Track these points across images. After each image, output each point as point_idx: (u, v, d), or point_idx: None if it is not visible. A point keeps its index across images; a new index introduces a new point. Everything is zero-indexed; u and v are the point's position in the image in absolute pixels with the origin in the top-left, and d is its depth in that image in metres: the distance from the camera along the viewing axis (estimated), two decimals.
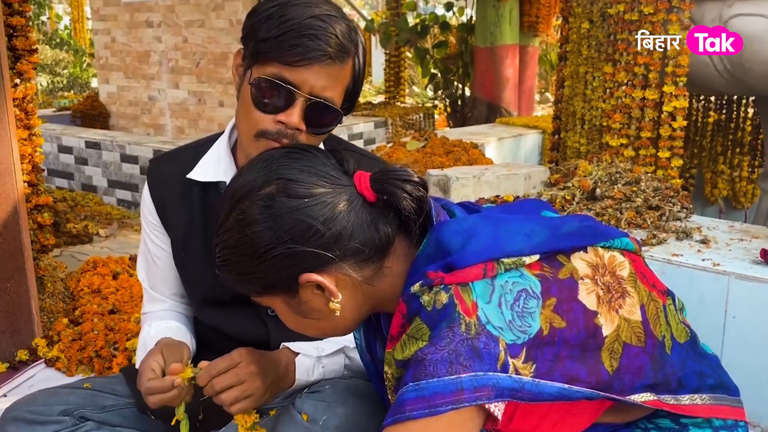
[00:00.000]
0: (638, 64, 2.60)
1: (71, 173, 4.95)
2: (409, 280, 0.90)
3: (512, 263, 0.87)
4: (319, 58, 1.10)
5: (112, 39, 6.55)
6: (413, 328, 0.84)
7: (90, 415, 1.32)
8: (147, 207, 1.38)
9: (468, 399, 0.78)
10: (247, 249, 0.89)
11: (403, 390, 0.81)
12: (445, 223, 0.92)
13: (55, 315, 2.49)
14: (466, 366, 0.79)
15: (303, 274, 0.89)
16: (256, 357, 1.14)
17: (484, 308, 0.83)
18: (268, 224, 0.87)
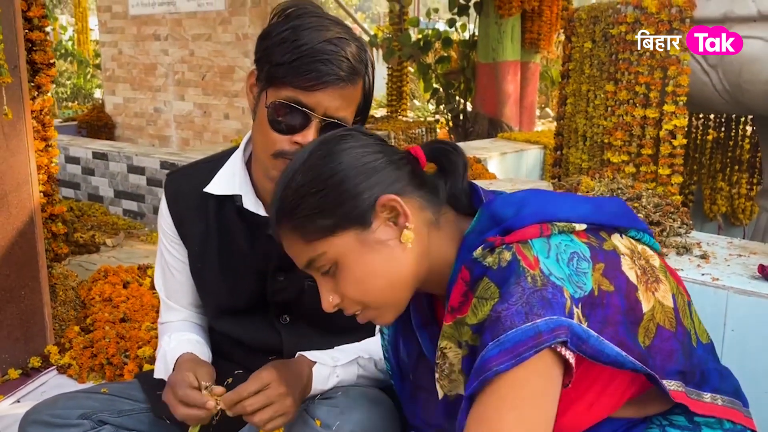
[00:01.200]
0: (639, 84, 2.66)
1: (78, 183, 4.99)
2: (461, 254, 0.94)
3: (564, 227, 0.91)
4: (332, 82, 1.14)
5: (119, 51, 6.62)
6: (481, 289, 0.87)
7: (108, 419, 1.34)
8: (164, 219, 1.42)
9: (547, 339, 0.81)
10: (337, 176, 0.93)
11: (485, 351, 0.83)
12: (495, 198, 0.98)
13: (66, 323, 2.53)
14: (540, 314, 0.82)
15: (382, 196, 0.93)
16: (283, 375, 1.17)
17: (545, 262, 0.86)
18: (350, 149, 0.95)
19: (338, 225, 0.93)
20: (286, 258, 1.33)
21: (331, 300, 0.97)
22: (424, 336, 1.10)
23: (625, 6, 2.74)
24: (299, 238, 0.95)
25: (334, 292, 0.97)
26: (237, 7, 5.63)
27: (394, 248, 0.94)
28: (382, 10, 16.39)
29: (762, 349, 1.71)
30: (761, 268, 1.86)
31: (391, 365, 1.20)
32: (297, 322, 1.39)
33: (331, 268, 0.95)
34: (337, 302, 0.97)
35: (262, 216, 1.33)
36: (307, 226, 0.93)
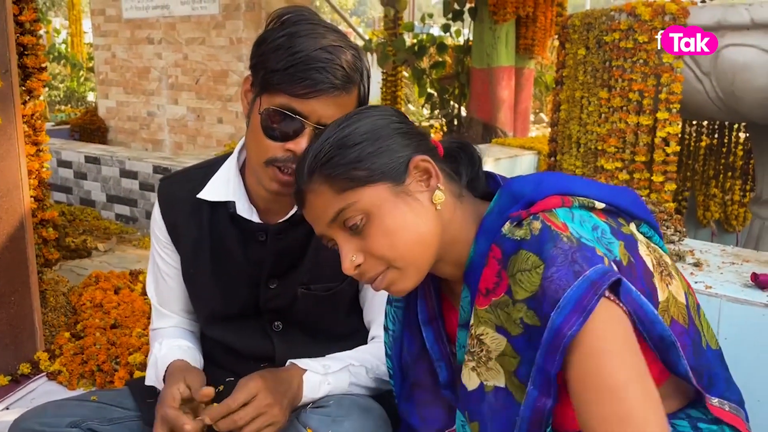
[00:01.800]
0: (633, 91, 2.67)
1: (70, 187, 4.97)
2: (482, 234, 0.96)
3: (584, 201, 0.93)
4: (326, 90, 1.14)
5: (113, 55, 6.61)
6: (519, 262, 0.87)
7: (97, 427, 1.33)
8: (157, 225, 1.42)
9: (602, 283, 0.82)
10: (373, 132, 0.96)
11: (549, 323, 0.83)
12: (513, 179, 1.00)
13: (56, 329, 2.51)
14: (585, 267, 0.83)
15: (415, 156, 0.96)
16: (270, 384, 1.17)
17: (572, 226, 0.88)
18: (383, 115, 1.00)
19: (372, 177, 0.94)
20: (279, 265, 1.34)
21: (354, 259, 0.96)
22: (429, 332, 1.11)
23: (619, 13, 2.75)
24: (330, 188, 0.95)
25: (357, 251, 0.96)
26: (231, 12, 5.62)
27: (425, 206, 0.96)
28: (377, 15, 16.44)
29: (755, 358, 1.71)
30: (754, 276, 1.87)
31: (392, 363, 1.20)
32: (289, 330, 1.39)
33: (360, 222, 0.94)
34: (360, 262, 0.96)
35: (256, 222, 1.33)
36: (342, 175, 0.94)
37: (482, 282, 0.93)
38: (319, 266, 1.34)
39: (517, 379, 0.90)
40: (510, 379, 0.91)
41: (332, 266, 1.34)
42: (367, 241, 0.95)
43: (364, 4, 33.27)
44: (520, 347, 0.88)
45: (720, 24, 2.49)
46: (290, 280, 1.35)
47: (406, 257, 0.95)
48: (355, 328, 1.44)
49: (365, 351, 1.36)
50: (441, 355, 1.11)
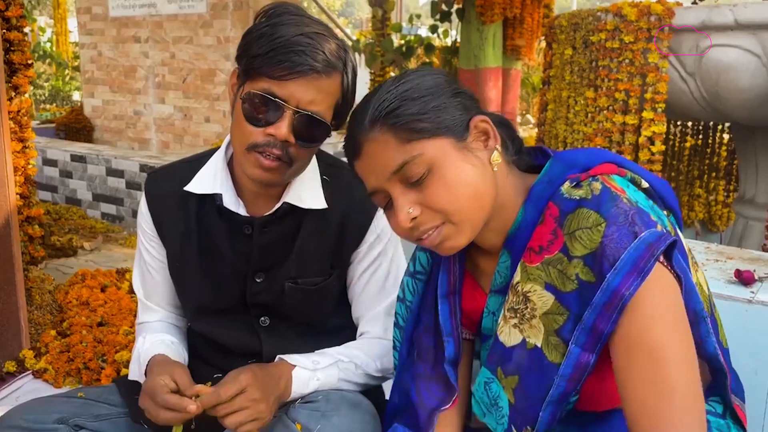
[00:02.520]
0: (619, 90, 2.70)
1: (55, 186, 4.94)
2: (532, 197, 0.99)
3: (635, 177, 0.98)
4: (305, 72, 1.15)
5: (99, 53, 6.57)
6: (579, 220, 0.89)
7: (84, 423, 1.33)
8: (144, 218, 1.42)
9: (658, 246, 0.85)
10: (435, 88, 0.97)
11: (605, 284, 0.86)
12: (565, 151, 1.03)
13: (42, 327, 2.50)
14: (642, 228, 0.86)
15: (477, 116, 0.98)
16: (261, 379, 1.17)
17: (628, 192, 0.92)
18: (443, 73, 1.01)
19: (437, 130, 0.95)
20: (265, 259, 1.34)
21: (411, 212, 0.97)
22: (445, 306, 1.13)
23: (605, 14, 2.78)
24: (394, 138, 0.95)
25: (415, 204, 0.96)
26: (219, 11, 5.61)
27: (484, 165, 0.97)
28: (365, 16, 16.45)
29: (739, 353, 1.73)
30: (737, 273, 1.89)
31: (401, 335, 1.21)
32: (277, 324, 1.39)
33: (422, 175, 0.95)
34: (417, 214, 0.97)
35: (242, 215, 1.33)
36: (407, 125, 0.94)
37: (535, 240, 0.95)
38: (306, 260, 1.34)
39: (557, 338, 0.92)
40: (548, 338, 0.93)
41: (319, 260, 1.35)
42: (427, 193, 0.95)
43: (351, 5, 33.29)
44: (570, 303, 0.90)
45: (705, 24, 2.52)
46: (277, 274, 1.35)
47: (465, 211, 0.96)
48: (343, 324, 1.44)
49: (354, 347, 1.37)
50: (451, 330, 1.13)
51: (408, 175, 0.95)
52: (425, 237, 0.97)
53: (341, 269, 1.38)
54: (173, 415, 1.15)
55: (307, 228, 1.34)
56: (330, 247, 1.35)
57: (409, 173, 0.95)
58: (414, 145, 0.94)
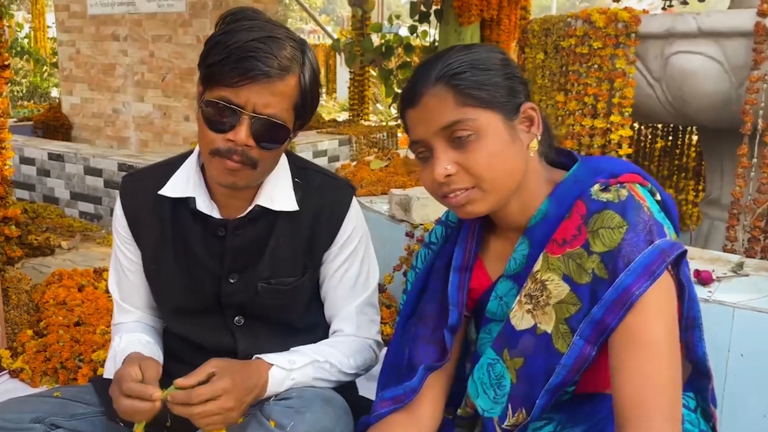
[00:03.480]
0: (588, 95, 2.76)
1: (33, 184, 4.92)
2: (558, 193, 1.08)
3: (652, 189, 1.07)
4: (257, 78, 1.18)
5: (77, 51, 6.52)
6: (604, 219, 0.99)
7: (61, 422, 1.35)
8: (119, 221, 1.45)
9: (670, 253, 0.95)
10: (501, 67, 1.06)
11: (618, 282, 0.95)
12: (593, 157, 1.15)
13: (19, 326, 2.51)
14: (656, 237, 0.96)
15: (526, 103, 1.08)
16: (238, 388, 1.19)
17: (648, 202, 1.01)
18: (508, 54, 1.11)
19: (492, 103, 1.04)
20: (239, 260, 1.38)
21: (448, 168, 1.04)
22: (456, 278, 1.20)
23: (575, 20, 2.84)
24: (453, 98, 1.03)
25: (452, 162, 1.04)
26: (198, 10, 5.60)
27: (523, 147, 1.07)
28: (347, 13, 16.45)
29: None
30: (696, 273, 1.96)
31: (406, 299, 1.30)
32: (251, 324, 1.42)
33: (469, 137, 1.03)
34: (453, 172, 1.05)
35: (215, 218, 1.37)
36: (469, 90, 1.03)
37: (560, 233, 1.04)
38: (279, 261, 1.38)
39: (566, 326, 1.01)
40: (557, 326, 1.01)
41: (292, 261, 1.39)
42: (469, 156, 1.03)
43: (333, 3, 33.18)
44: (583, 295, 0.99)
45: (669, 32, 2.59)
46: (250, 274, 1.38)
47: (496, 181, 1.05)
48: (316, 322, 1.48)
49: (329, 345, 1.41)
50: (457, 301, 1.20)
51: (456, 133, 1.03)
52: (452, 195, 1.06)
53: (314, 269, 1.42)
54: (133, 402, 1.16)
55: (280, 229, 1.38)
56: (302, 247, 1.39)
57: (457, 133, 1.03)
58: (469, 110, 1.03)
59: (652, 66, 2.68)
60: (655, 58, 2.66)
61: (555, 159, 1.18)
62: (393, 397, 1.22)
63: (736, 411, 1.76)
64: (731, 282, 1.94)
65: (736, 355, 1.75)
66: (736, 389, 1.75)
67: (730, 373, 1.76)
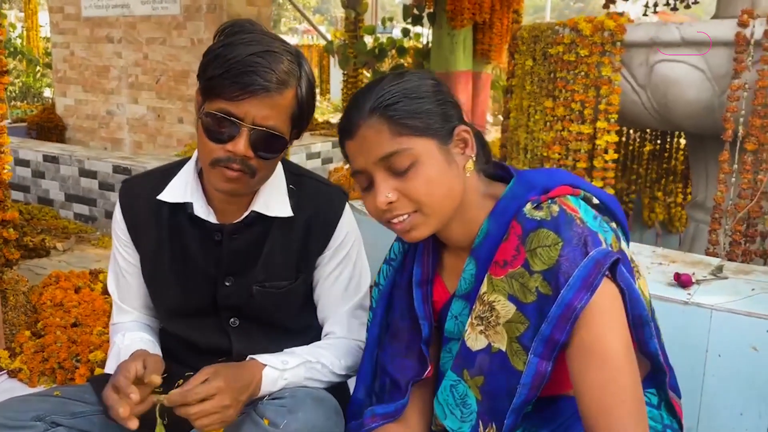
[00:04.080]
0: (575, 101, 2.83)
1: (27, 186, 4.94)
2: (496, 213, 1.10)
3: (587, 195, 1.10)
4: (256, 92, 1.22)
5: (71, 53, 6.55)
6: (540, 238, 1.01)
7: (61, 420, 1.37)
8: (118, 225, 1.48)
9: (605, 262, 0.97)
10: (432, 93, 1.09)
11: (560, 298, 0.98)
12: (528, 170, 1.16)
13: (17, 327, 2.54)
14: (592, 247, 0.98)
15: (460, 126, 1.10)
16: (232, 387, 1.22)
17: (581, 211, 1.03)
18: (437, 78, 1.13)
19: (427, 130, 1.07)
20: (235, 264, 1.42)
21: (389, 196, 1.08)
22: (419, 293, 1.24)
23: (563, 28, 2.91)
24: (388, 129, 1.06)
25: (393, 190, 1.08)
26: (192, 13, 5.64)
27: (459, 170, 1.10)
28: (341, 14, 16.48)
29: (675, 350, 1.84)
30: (677, 276, 2.01)
31: (373, 316, 1.33)
32: (246, 325, 1.46)
33: (407, 167, 1.06)
34: (393, 199, 1.08)
35: (212, 223, 1.40)
36: (403, 120, 1.06)
37: (500, 254, 1.06)
38: (274, 265, 1.42)
39: (518, 345, 1.03)
40: (511, 344, 1.04)
41: (285, 265, 1.43)
42: (408, 184, 1.07)
43: (327, 2, 33.15)
44: (530, 313, 1.01)
45: (653, 41, 2.66)
46: (245, 278, 1.42)
47: (436, 205, 1.08)
48: (309, 325, 1.52)
49: (321, 347, 1.45)
50: (426, 315, 1.24)
51: (394, 164, 1.06)
52: (396, 221, 1.10)
53: (307, 273, 1.46)
54: (115, 396, 1.19)
55: (274, 235, 1.41)
56: (296, 252, 1.43)
57: (395, 163, 1.06)
58: (404, 139, 1.06)
59: (638, 73, 2.75)
60: (640, 66, 2.72)
61: (493, 173, 1.20)
62: (384, 413, 1.25)
63: (714, 410, 1.82)
64: (711, 285, 1.98)
65: (713, 355, 1.81)
66: (714, 389, 1.81)
67: (708, 372, 1.81)
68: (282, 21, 27.19)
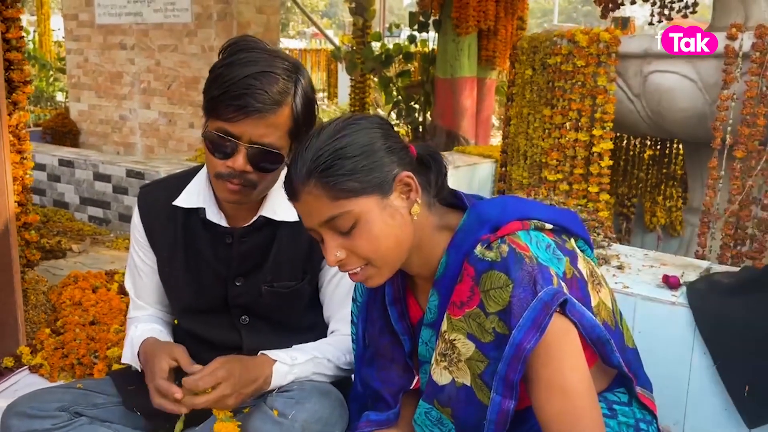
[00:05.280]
0: (572, 109, 2.92)
1: (43, 189, 5.06)
2: (453, 248, 1.11)
3: (537, 224, 1.10)
4: (250, 114, 1.28)
5: (85, 59, 6.68)
6: (491, 281, 1.03)
7: (83, 411, 1.49)
8: (136, 228, 1.58)
9: (552, 303, 0.99)
10: (368, 147, 1.08)
11: (511, 338, 1.00)
12: (479, 202, 1.17)
13: (37, 325, 2.63)
14: (541, 286, 1.00)
15: (401, 173, 1.09)
16: (235, 379, 1.30)
17: (532, 248, 1.05)
18: (373, 128, 1.10)
19: (365, 189, 1.06)
20: (244, 265, 1.51)
21: (338, 255, 1.10)
22: (394, 311, 1.28)
23: (561, 39, 3.00)
24: (325, 194, 1.06)
25: (341, 248, 1.09)
26: (203, 20, 5.77)
27: (404, 217, 1.09)
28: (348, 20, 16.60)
29: (663, 348, 1.94)
30: (665, 278, 2.09)
31: (356, 330, 1.38)
32: (255, 323, 1.55)
33: (349, 227, 1.07)
34: (343, 257, 1.10)
35: (223, 226, 1.49)
36: (338, 185, 1.05)
37: (456, 295, 1.08)
38: (281, 266, 1.50)
39: (481, 381, 1.06)
40: (474, 380, 1.07)
41: (292, 266, 1.51)
42: (353, 242, 1.08)
43: (335, 6, 33.26)
44: (489, 352, 1.04)
45: (647, 52, 2.75)
46: (255, 278, 1.51)
47: (385, 258, 1.09)
48: (315, 322, 1.60)
49: (328, 343, 1.52)
50: (404, 330, 1.27)
51: (337, 225, 1.08)
52: (351, 274, 1.13)
53: (312, 274, 1.54)
54: (162, 401, 1.30)
55: (282, 238, 1.50)
56: (302, 254, 1.51)
57: (337, 224, 1.08)
58: (343, 203, 1.06)
59: (632, 83, 2.84)
60: (635, 76, 2.81)
61: (450, 200, 1.20)
62: (377, 420, 1.30)
63: (700, 405, 1.90)
64: None
65: (699, 353, 1.90)
66: (700, 384, 1.89)
67: (693, 369, 1.89)
68: (290, 25, 27.31)
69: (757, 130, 2.51)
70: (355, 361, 1.41)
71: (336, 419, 1.38)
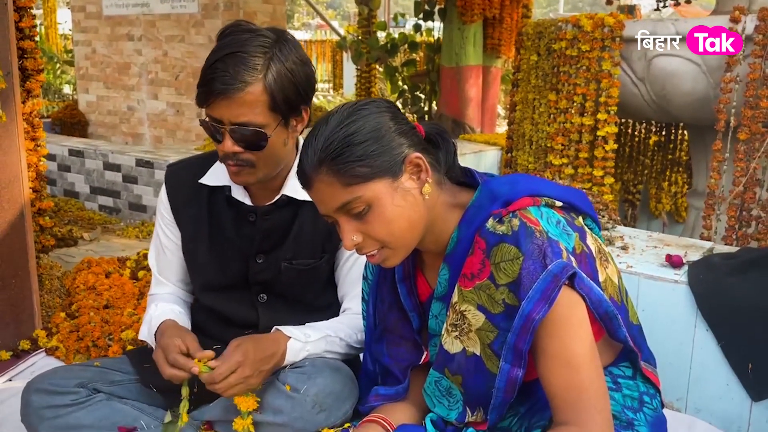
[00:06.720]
0: (577, 94, 2.94)
1: (54, 179, 5.11)
2: (464, 224, 1.14)
3: (548, 201, 1.13)
4: (217, 96, 1.32)
5: (93, 50, 6.72)
6: (502, 253, 1.05)
7: (101, 387, 1.53)
8: (163, 205, 1.62)
9: (562, 276, 1.02)
10: (377, 131, 1.09)
11: (521, 309, 1.03)
12: (491, 179, 1.20)
13: (52, 309, 2.68)
14: (551, 260, 1.02)
15: (411, 154, 1.11)
16: (251, 359, 1.34)
17: (542, 222, 1.07)
18: (381, 112, 1.12)
19: (375, 174, 1.08)
20: (266, 242, 1.55)
21: (354, 239, 1.12)
22: (403, 288, 1.31)
23: (565, 24, 3.02)
24: (338, 181, 1.08)
25: (357, 232, 1.11)
26: (210, 11, 5.79)
27: (416, 198, 1.11)
28: (353, 10, 16.58)
29: (666, 326, 1.98)
30: (668, 257, 2.13)
31: (366, 307, 1.41)
32: (273, 301, 1.59)
33: (363, 211, 1.09)
34: (359, 241, 1.12)
35: (247, 205, 1.53)
36: (349, 171, 1.07)
37: (467, 267, 1.10)
38: (301, 244, 1.55)
39: (490, 350, 1.09)
40: (484, 349, 1.10)
41: (312, 245, 1.55)
42: (368, 226, 1.10)
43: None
44: (499, 323, 1.07)
45: (651, 35, 2.77)
46: (275, 255, 1.55)
47: (399, 240, 1.11)
48: (330, 302, 1.64)
49: (340, 322, 1.56)
50: (413, 307, 1.30)
51: (351, 210, 1.10)
52: (369, 256, 1.15)
53: (330, 254, 1.58)
54: (174, 371, 1.35)
55: (303, 217, 1.54)
56: (322, 234, 1.55)
57: (351, 209, 1.10)
58: (355, 189, 1.08)
59: (636, 67, 2.85)
60: (639, 60, 2.83)
61: (461, 179, 1.22)
62: (386, 395, 1.33)
63: (703, 381, 1.94)
64: None
65: (701, 330, 1.93)
66: (702, 360, 1.93)
67: (696, 345, 1.93)
68: (295, 16, 27.29)
69: (761, 112, 2.53)
70: (366, 338, 1.44)
71: (347, 394, 1.42)
